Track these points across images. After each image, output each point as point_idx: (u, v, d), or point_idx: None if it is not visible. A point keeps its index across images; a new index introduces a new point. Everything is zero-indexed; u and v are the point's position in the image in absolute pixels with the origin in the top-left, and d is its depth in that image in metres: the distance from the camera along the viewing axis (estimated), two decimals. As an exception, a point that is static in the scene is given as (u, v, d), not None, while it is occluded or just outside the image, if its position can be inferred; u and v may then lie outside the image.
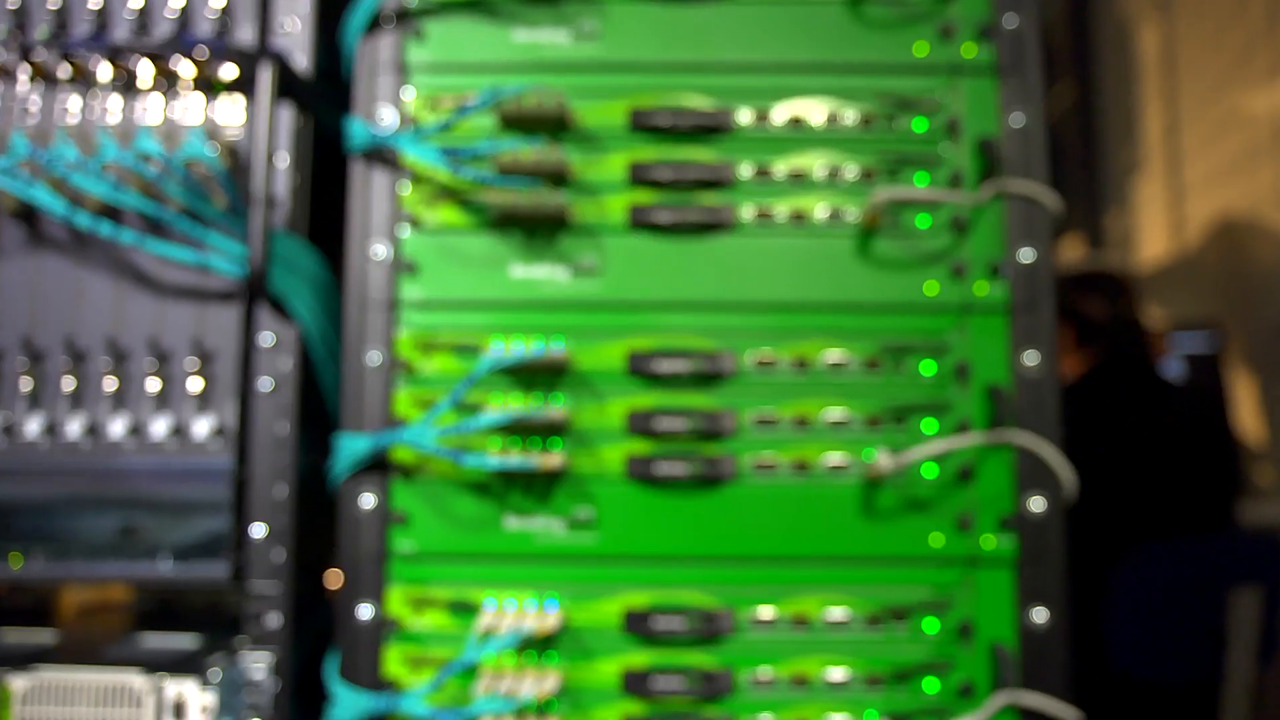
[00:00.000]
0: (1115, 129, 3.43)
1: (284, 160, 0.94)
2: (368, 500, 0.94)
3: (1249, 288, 2.54)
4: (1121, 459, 1.92)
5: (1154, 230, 3.16)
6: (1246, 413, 2.83)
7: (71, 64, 0.89)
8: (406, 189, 0.95)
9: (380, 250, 0.95)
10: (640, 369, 0.94)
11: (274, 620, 0.91)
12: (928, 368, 0.95)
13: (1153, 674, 1.87)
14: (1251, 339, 2.55)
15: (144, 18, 0.93)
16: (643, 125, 0.95)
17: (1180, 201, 2.94)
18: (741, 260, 0.95)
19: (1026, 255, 0.94)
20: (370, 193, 0.94)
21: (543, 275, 0.96)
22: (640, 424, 0.93)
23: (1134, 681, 1.88)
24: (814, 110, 0.95)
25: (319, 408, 0.98)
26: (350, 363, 0.93)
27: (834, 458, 0.94)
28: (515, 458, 0.91)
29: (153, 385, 0.90)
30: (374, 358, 0.94)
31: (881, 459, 0.92)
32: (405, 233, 0.95)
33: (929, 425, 0.94)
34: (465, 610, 0.91)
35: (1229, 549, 1.91)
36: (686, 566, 0.93)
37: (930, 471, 0.93)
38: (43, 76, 0.91)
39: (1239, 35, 2.85)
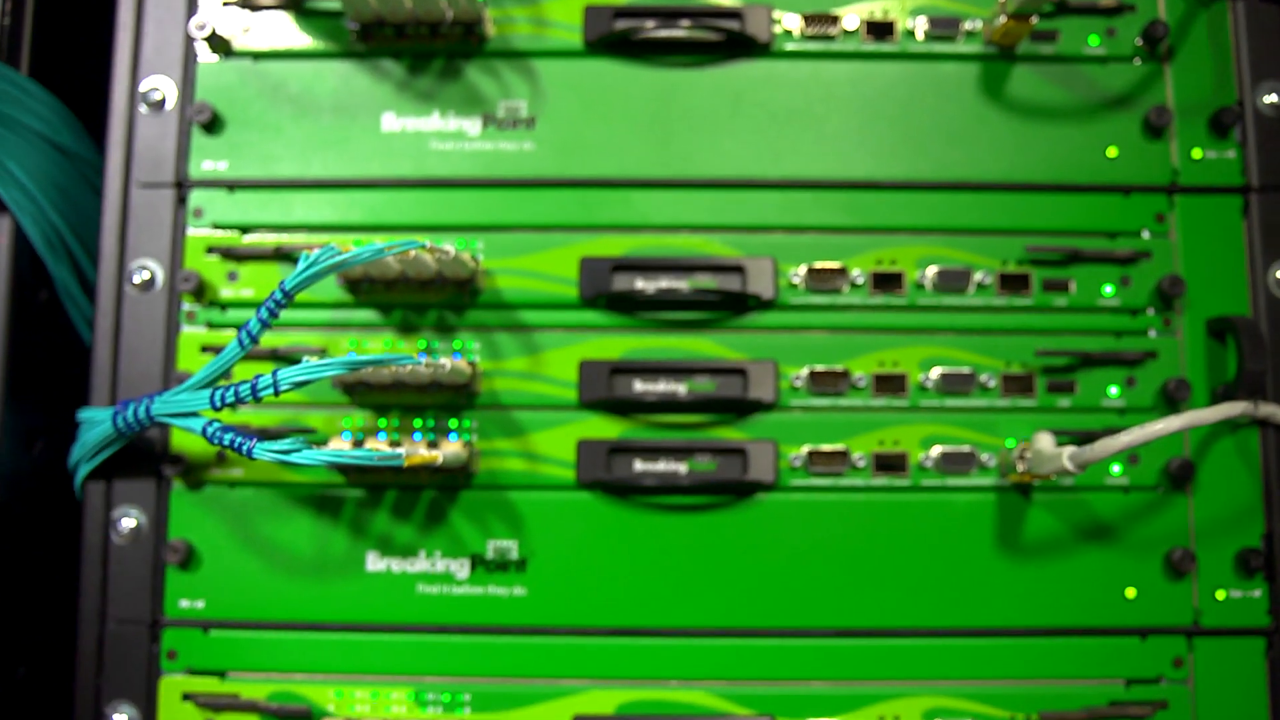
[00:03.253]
0: None
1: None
2: (125, 522, 0.62)
3: None
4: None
5: None
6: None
7: None
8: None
9: (161, 90, 0.65)
10: (599, 290, 0.63)
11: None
12: (1099, 283, 0.64)
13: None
14: None
15: None
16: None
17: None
18: (780, 102, 0.65)
19: (1272, 92, 0.63)
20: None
21: (436, 128, 0.65)
22: (599, 387, 0.63)
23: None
24: None
25: (55, 358, 0.69)
26: (105, 283, 0.64)
27: (946, 450, 0.63)
28: (370, 448, 0.59)
29: None
30: (145, 274, 0.64)
31: (1041, 444, 0.58)
32: (205, 58, 0.66)
33: (1096, 387, 0.63)
34: (291, 723, 0.61)
35: None
36: (686, 644, 0.62)
37: (1118, 473, 0.62)
38: None
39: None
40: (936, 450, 0.62)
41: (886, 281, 0.63)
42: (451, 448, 0.59)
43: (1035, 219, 0.64)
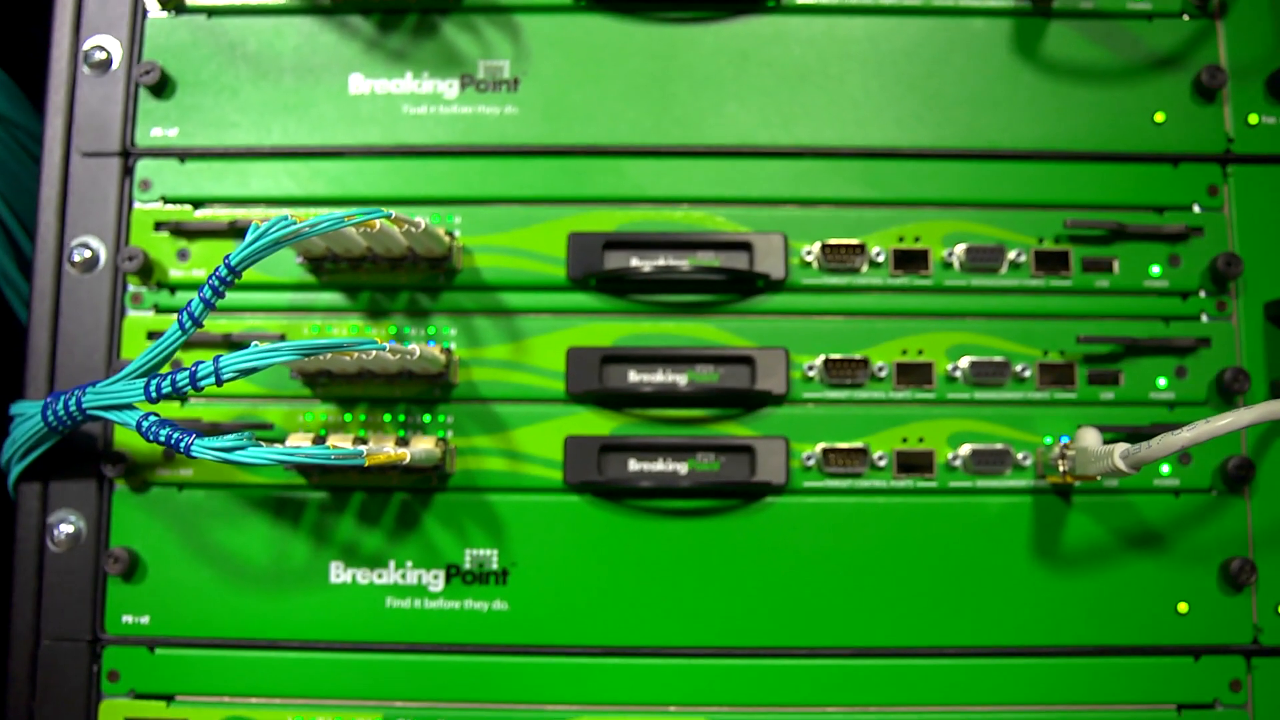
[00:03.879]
0: None
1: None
2: (62, 528, 0.58)
3: None
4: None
5: None
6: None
7: None
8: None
9: (106, 49, 0.61)
10: (588, 270, 0.59)
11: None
12: (1145, 262, 0.60)
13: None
14: None
15: None
16: None
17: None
18: (791, 62, 0.61)
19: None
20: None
21: (409, 90, 0.61)
22: (590, 377, 0.58)
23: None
24: None
25: None
26: (42, 262, 0.60)
27: (976, 448, 0.58)
28: (333, 445, 0.54)
29: None
30: (86, 252, 0.59)
31: (1087, 441, 0.54)
32: (154, 13, 0.62)
33: (1143, 378, 0.59)
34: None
35: None
36: (685, 666, 0.58)
37: (1168, 473, 0.58)
38: None
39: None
40: (966, 448, 0.57)
41: (910, 260, 0.59)
42: (423, 445, 0.54)
43: (1075, 191, 0.59)
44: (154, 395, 0.48)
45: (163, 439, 0.47)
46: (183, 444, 0.46)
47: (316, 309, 0.58)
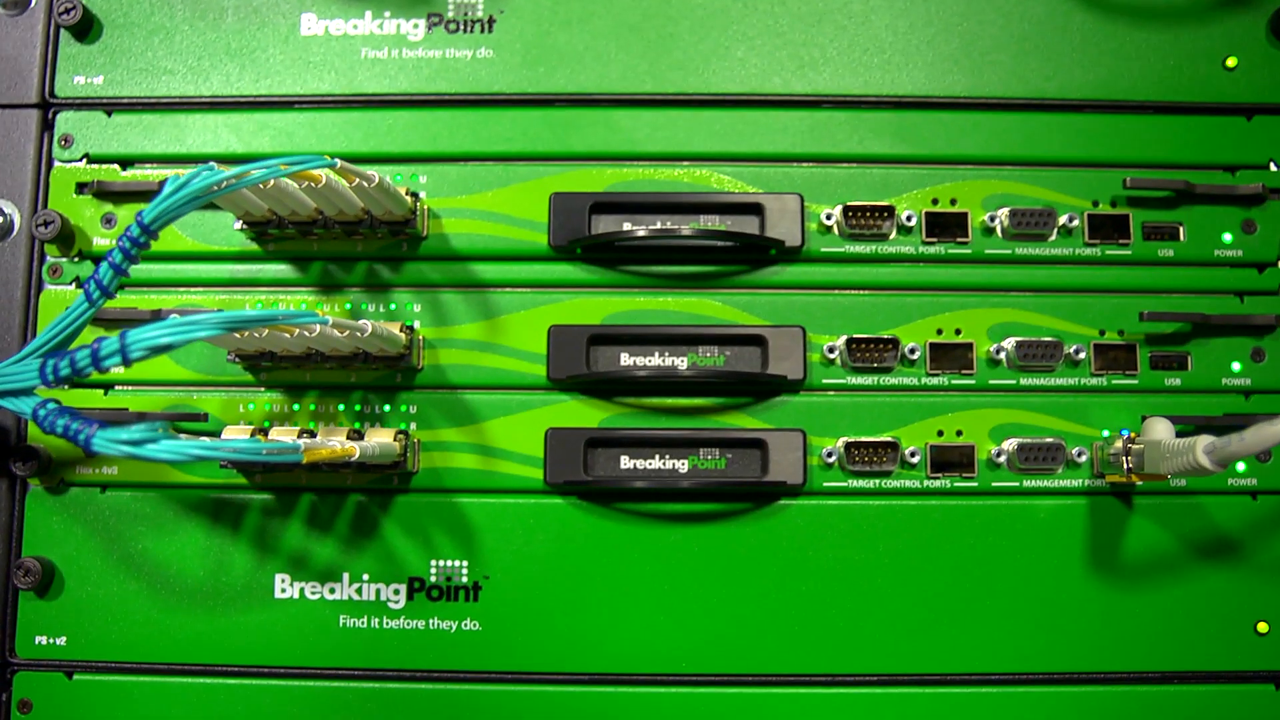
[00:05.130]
0: None
1: None
2: None
3: None
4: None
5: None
6: None
7: None
8: None
9: None
10: (574, 236, 0.52)
11: None
12: (1215, 228, 0.53)
13: None
14: None
15: None
16: None
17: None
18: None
19: None
20: None
21: (369, 31, 0.54)
22: (575, 360, 0.52)
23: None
24: None
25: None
26: None
27: (1023, 443, 0.52)
28: (277, 438, 0.47)
29: None
30: None
31: (1158, 434, 0.47)
32: None
33: (1214, 362, 0.53)
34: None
35: None
36: (686, 696, 0.51)
37: (1243, 471, 0.52)
38: None
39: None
40: (1011, 443, 0.51)
41: (945, 225, 0.53)
42: (379, 438, 0.47)
43: (1134, 147, 0.54)
44: (50, 378, 0.40)
45: (59, 430, 0.40)
46: (82, 436, 0.39)
47: (261, 283, 0.52)
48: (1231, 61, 0.53)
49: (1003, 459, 0.51)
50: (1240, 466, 0.51)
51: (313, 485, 0.51)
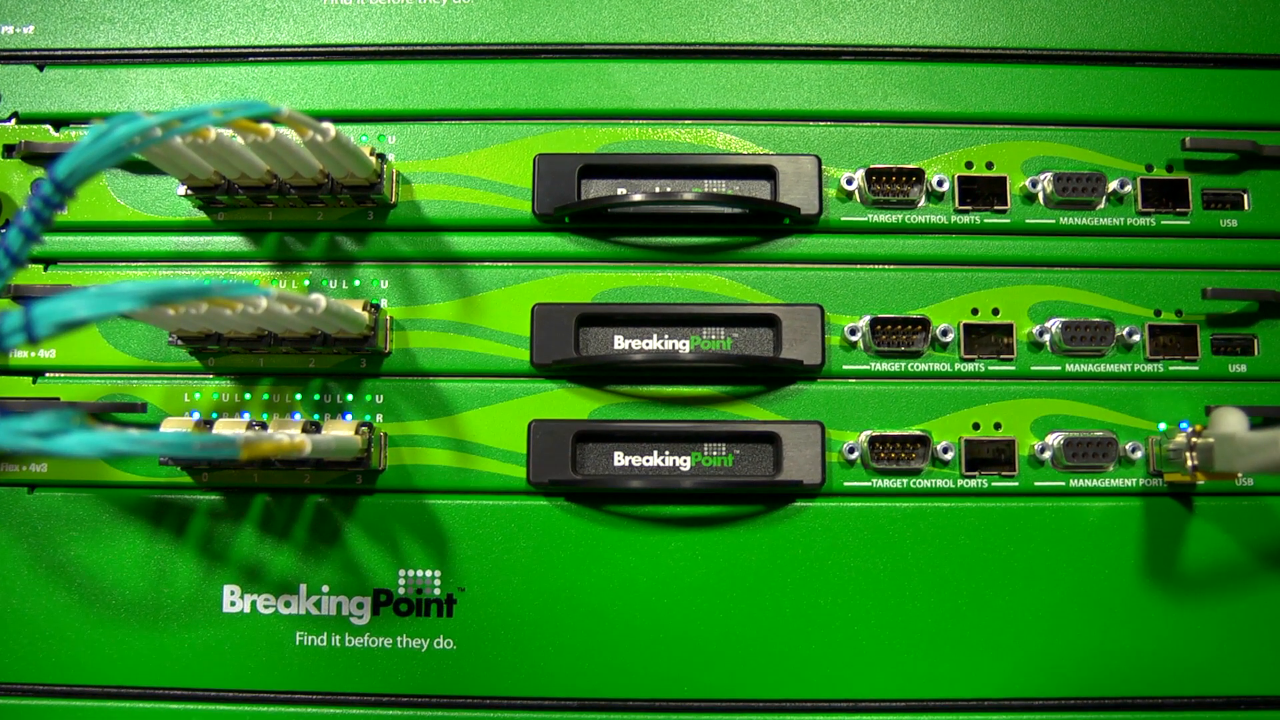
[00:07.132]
0: None
1: None
2: None
3: None
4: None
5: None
6: None
7: None
8: None
9: None
10: (561, 203, 0.47)
11: None
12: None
13: None
14: None
15: None
16: None
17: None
18: None
19: None
20: None
21: None
22: (562, 343, 0.47)
23: None
24: None
25: None
26: None
27: (1070, 437, 0.46)
28: (222, 430, 0.43)
29: None
30: None
31: (1229, 425, 0.42)
32: None
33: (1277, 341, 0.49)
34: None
35: None
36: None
37: None
38: None
39: None
40: (1056, 437, 0.47)
41: (981, 192, 0.49)
42: (338, 431, 0.41)
43: (1193, 105, 0.49)
44: (-54, 360, 0.35)
45: (-44, 420, 0.34)
46: None
47: (210, 256, 0.47)
48: (1303, 8, 0.49)
49: (1047, 455, 0.46)
50: (1313, 464, 0.47)
51: (267, 485, 0.46)
